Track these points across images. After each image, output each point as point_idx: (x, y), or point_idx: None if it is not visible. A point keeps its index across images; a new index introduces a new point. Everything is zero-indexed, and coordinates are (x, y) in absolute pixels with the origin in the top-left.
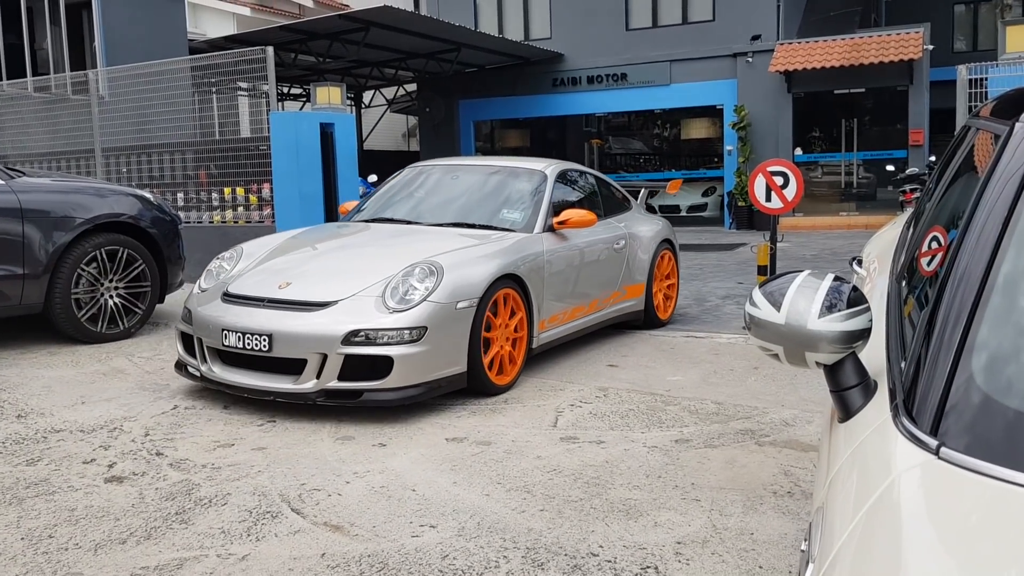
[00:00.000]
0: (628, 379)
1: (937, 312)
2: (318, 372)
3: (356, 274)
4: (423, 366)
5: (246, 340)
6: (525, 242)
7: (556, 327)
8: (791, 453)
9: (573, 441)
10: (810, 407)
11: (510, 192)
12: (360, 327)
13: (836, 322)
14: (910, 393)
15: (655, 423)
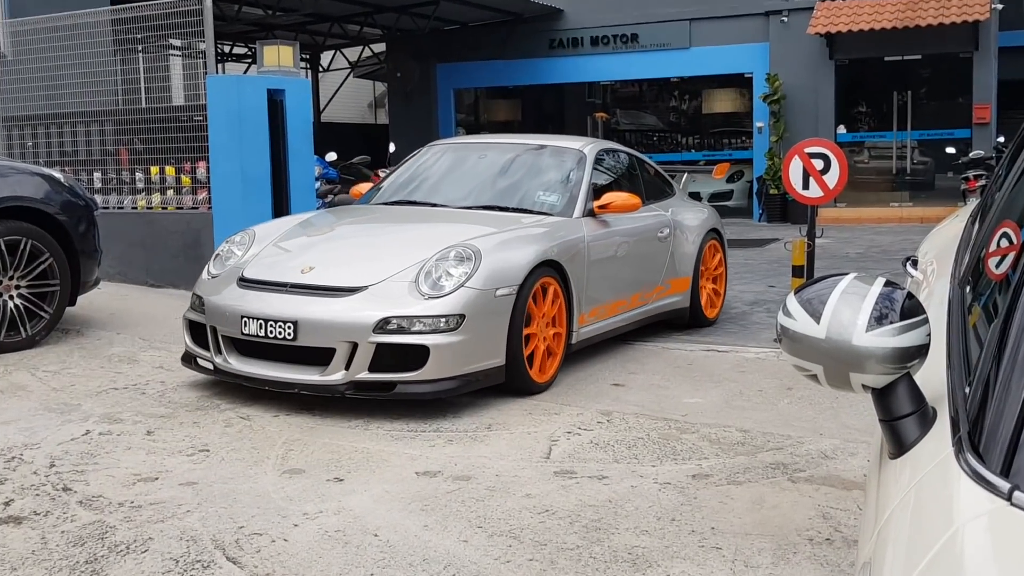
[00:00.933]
0: (636, 401)
1: (1010, 324)
2: (347, 363)
3: (385, 258)
4: (460, 357)
5: (268, 328)
6: (565, 226)
7: (596, 322)
8: (831, 492)
9: (570, 476)
10: (854, 436)
11: (545, 173)
12: (393, 314)
13: (887, 337)
14: (976, 424)
15: (668, 455)
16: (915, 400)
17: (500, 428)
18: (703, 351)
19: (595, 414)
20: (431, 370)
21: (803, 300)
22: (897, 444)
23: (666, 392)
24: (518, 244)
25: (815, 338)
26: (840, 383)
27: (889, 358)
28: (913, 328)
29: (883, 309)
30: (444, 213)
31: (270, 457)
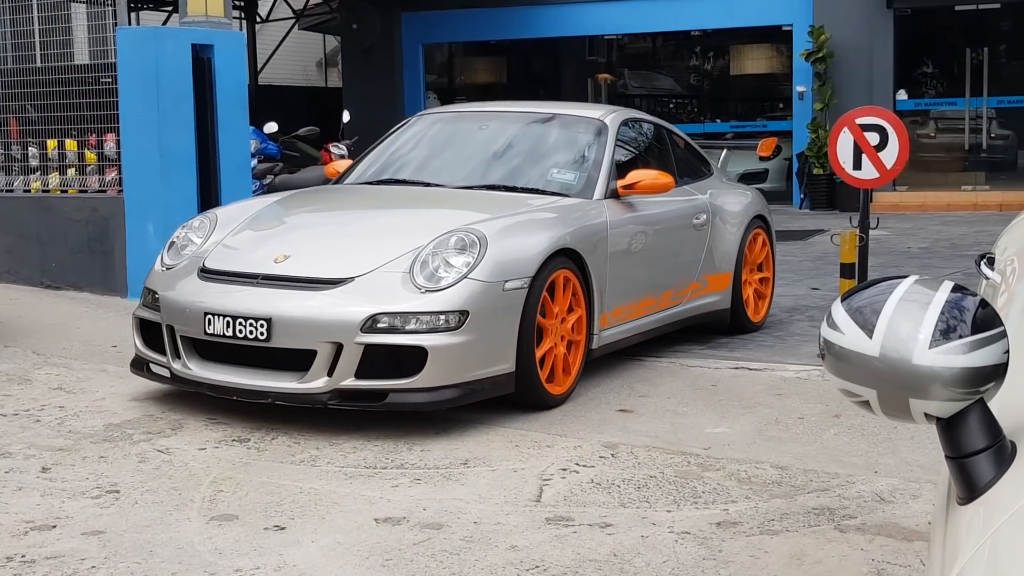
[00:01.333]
0: (648, 431)
1: None
2: (330, 367)
3: (373, 245)
4: (463, 361)
5: (237, 327)
6: (584, 209)
7: (621, 323)
8: (887, 543)
9: (565, 524)
10: (916, 475)
11: (559, 147)
12: (383, 310)
13: (956, 354)
14: None
15: (687, 497)
16: (990, 432)
17: (479, 464)
18: (730, 369)
19: (597, 447)
20: (429, 376)
21: (852, 309)
22: (968, 486)
23: (685, 420)
24: (529, 229)
25: (867, 356)
26: (898, 412)
27: (958, 381)
28: (988, 344)
29: (950, 320)
30: (440, 194)
31: (195, 500)
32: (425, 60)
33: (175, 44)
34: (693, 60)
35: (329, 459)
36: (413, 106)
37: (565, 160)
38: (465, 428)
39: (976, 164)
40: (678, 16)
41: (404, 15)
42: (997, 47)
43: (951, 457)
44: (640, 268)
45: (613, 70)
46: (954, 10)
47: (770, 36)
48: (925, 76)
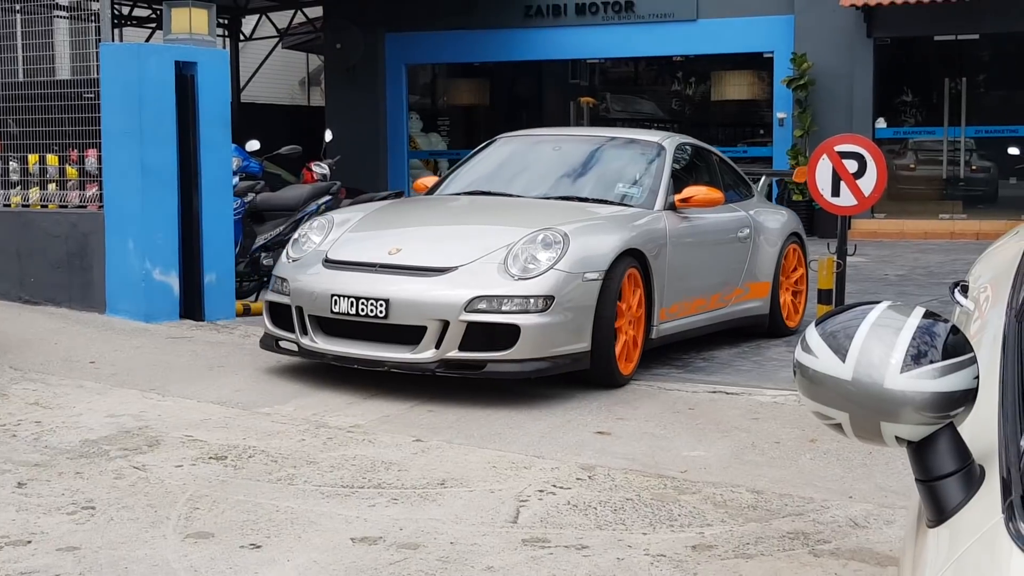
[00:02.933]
0: (626, 453)
1: None
2: (438, 341)
3: (471, 241)
4: (549, 339)
5: (360, 306)
6: (646, 217)
7: (677, 319)
8: (861, 568)
9: (542, 545)
10: (891, 500)
11: (624, 165)
12: (484, 293)
13: (927, 379)
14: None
15: (663, 520)
16: (959, 456)
17: (456, 484)
18: (708, 393)
19: (574, 469)
20: (521, 350)
21: (826, 333)
22: (937, 509)
23: (662, 443)
24: (603, 230)
25: (840, 380)
26: (869, 435)
27: (928, 405)
28: (958, 369)
29: (922, 346)
30: (522, 203)
31: (171, 517)
32: (408, 81)
33: (158, 61)
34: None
35: (306, 478)
36: (396, 126)
37: (629, 176)
38: (443, 449)
39: (954, 193)
40: (660, 41)
41: (388, 35)
42: (976, 77)
43: (921, 480)
44: (692, 271)
45: (595, 94)
46: (933, 40)
47: (752, 63)
48: (904, 105)
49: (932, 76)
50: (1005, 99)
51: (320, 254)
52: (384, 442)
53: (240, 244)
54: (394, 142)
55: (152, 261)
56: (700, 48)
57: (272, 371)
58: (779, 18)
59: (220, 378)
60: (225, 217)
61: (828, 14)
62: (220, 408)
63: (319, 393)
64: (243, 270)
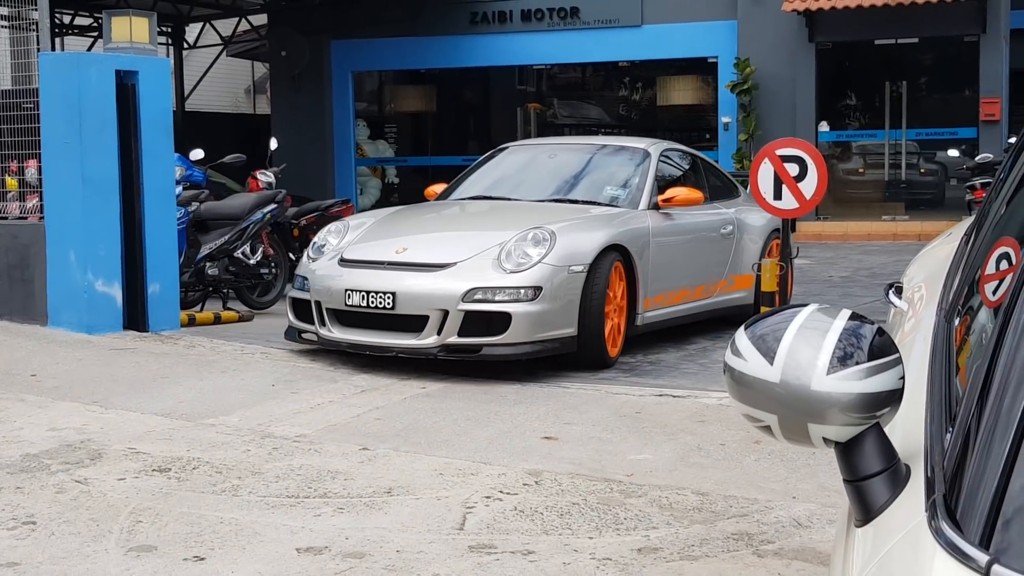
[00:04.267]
0: (572, 458)
1: (994, 369)
2: (439, 328)
3: (469, 240)
4: (538, 324)
5: (370, 299)
6: (631, 216)
7: (661, 308)
8: (804, 568)
9: (488, 551)
10: (833, 500)
11: (612, 169)
12: (479, 285)
13: (852, 380)
14: (954, 486)
15: (609, 524)
16: (885, 456)
17: (403, 492)
18: (655, 396)
19: (521, 474)
20: (513, 334)
21: (755, 337)
22: (863, 508)
23: (609, 447)
24: (588, 228)
25: (768, 382)
26: (797, 436)
27: (854, 406)
28: (883, 370)
29: (848, 347)
30: (519, 205)
31: (113, 531)
32: (354, 88)
33: (99, 70)
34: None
35: (251, 489)
36: (342, 134)
37: (617, 180)
38: (390, 457)
39: (896, 195)
40: (606, 47)
41: (333, 43)
42: (916, 80)
43: (848, 480)
44: (676, 265)
45: (543, 99)
46: (874, 44)
47: (696, 68)
48: (847, 108)
49: (873, 80)
50: (944, 102)
51: (337, 254)
52: (330, 451)
53: (184, 254)
54: (341, 149)
55: (94, 272)
56: (645, 53)
57: (217, 382)
58: (722, 23)
59: (164, 389)
60: (168, 227)
61: (771, 19)
62: (164, 420)
63: (265, 403)
64: (188, 280)
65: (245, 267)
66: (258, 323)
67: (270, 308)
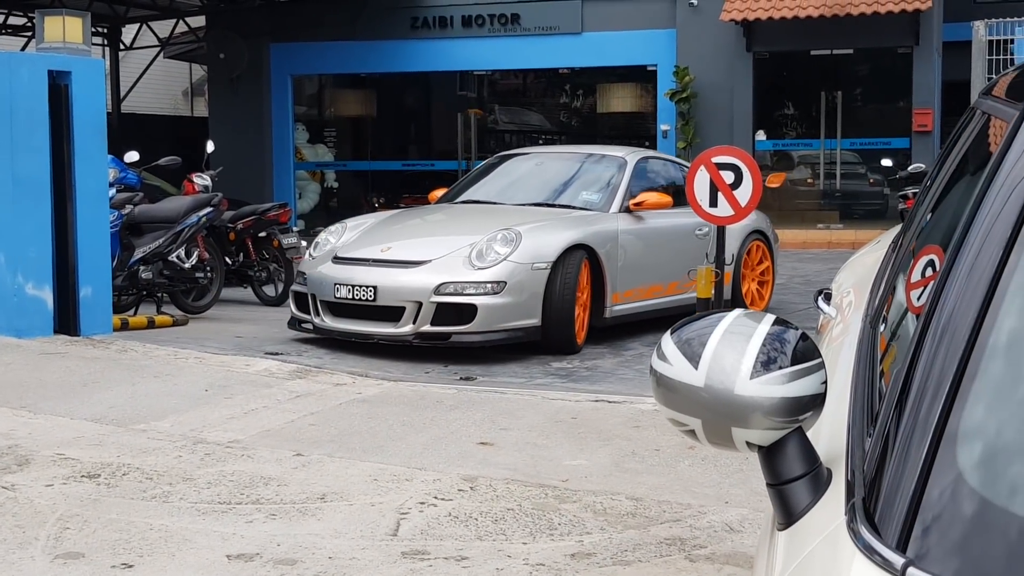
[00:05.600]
0: (507, 463)
1: (913, 374)
2: (414, 318)
3: (447, 240)
4: (502, 315)
5: (355, 292)
6: (600, 219)
7: (631, 302)
8: (736, 572)
9: (421, 557)
10: (765, 504)
11: (590, 176)
12: (449, 280)
13: (775, 385)
14: (873, 489)
15: (543, 529)
16: (807, 460)
17: (336, 499)
18: (591, 402)
19: (456, 480)
20: (479, 324)
21: (680, 341)
22: (785, 512)
23: (544, 452)
24: (555, 230)
25: (693, 386)
26: (721, 440)
27: (777, 410)
28: (806, 375)
29: (771, 352)
30: (500, 209)
31: (39, 538)
32: (294, 91)
33: (30, 70)
34: (562, 97)
35: (182, 495)
36: (281, 137)
37: (594, 185)
38: (324, 463)
39: (831, 203)
40: (547, 54)
41: (273, 46)
42: (851, 91)
43: (770, 484)
44: (646, 263)
45: (484, 105)
46: (810, 54)
47: (636, 75)
48: (783, 118)
49: (809, 90)
50: (878, 112)
51: (332, 252)
52: (264, 457)
53: (117, 257)
54: (279, 153)
55: (24, 275)
56: (585, 61)
57: (149, 387)
58: (662, 32)
59: (94, 394)
60: (101, 230)
61: (709, 29)
62: (94, 425)
63: (198, 409)
64: (121, 284)
65: (180, 271)
66: (193, 327)
67: (205, 312)
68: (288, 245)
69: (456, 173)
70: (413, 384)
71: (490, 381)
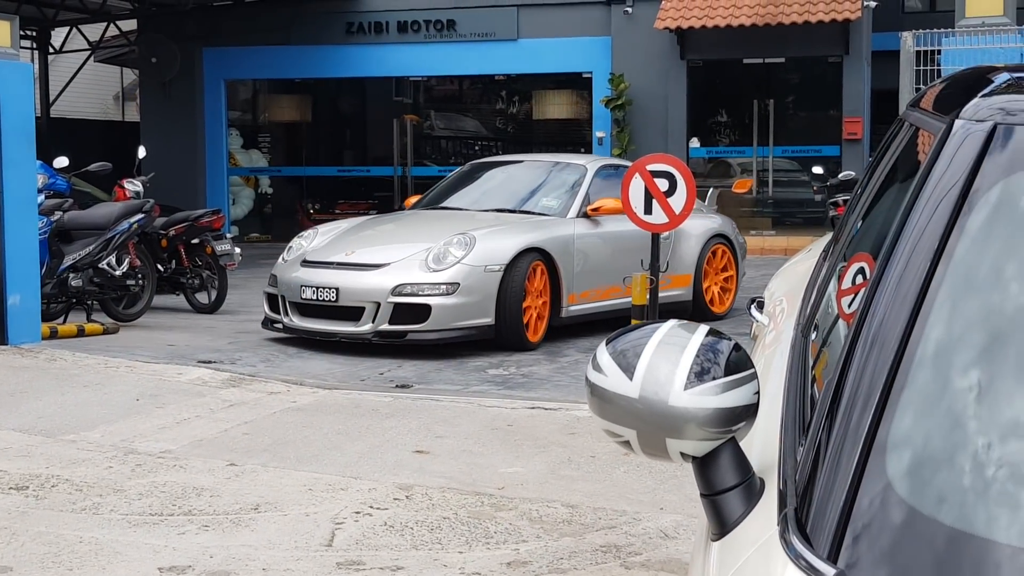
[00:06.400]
0: (443, 472)
1: (843, 384)
2: (373, 317)
3: (406, 245)
4: (456, 314)
5: (319, 293)
6: (557, 224)
7: (588, 303)
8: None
9: (356, 568)
10: (699, 510)
11: (554, 184)
12: (405, 281)
13: (708, 396)
14: (805, 499)
15: (479, 538)
16: (740, 470)
17: (270, 509)
18: (527, 409)
19: (391, 488)
20: (433, 322)
21: (615, 352)
22: (719, 522)
23: (480, 460)
24: (509, 234)
25: (627, 397)
26: (656, 451)
27: (710, 421)
28: (739, 385)
29: (705, 363)
30: (463, 214)
31: None
32: (227, 96)
33: None
34: (498, 103)
35: (113, 506)
36: (214, 143)
37: (554, 192)
38: (258, 472)
39: (763, 211)
40: (482, 60)
41: (205, 50)
42: (783, 99)
43: (704, 494)
44: (602, 265)
45: (419, 111)
46: (743, 63)
47: (572, 82)
48: (717, 125)
49: (742, 98)
50: (810, 120)
51: (302, 256)
52: (196, 467)
53: (47, 265)
54: (213, 159)
55: None
56: (521, 67)
57: (79, 396)
58: (597, 39)
59: (22, 404)
60: (29, 237)
61: (644, 36)
62: (22, 436)
63: (129, 418)
64: (50, 291)
65: (110, 278)
66: (124, 336)
67: (137, 320)
68: (222, 252)
69: (392, 180)
70: (348, 392)
71: (426, 389)
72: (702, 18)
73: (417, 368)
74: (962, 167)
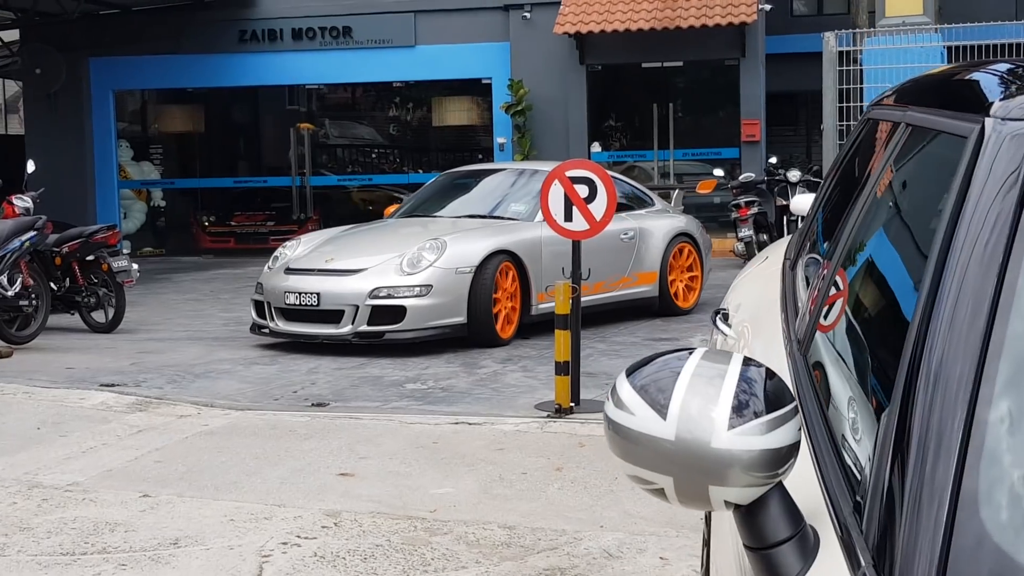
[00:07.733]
0: (372, 495)
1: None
2: (352, 319)
3: (382, 251)
4: (430, 314)
5: (301, 298)
6: (524, 227)
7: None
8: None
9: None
10: (640, 527)
11: (521, 190)
12: (381, 285)
13: (754, 435)
14: (882, 554)
15: (416, 566)
16: (792, 520)
17: (191, 543)
18: (451, 424)
19: (318, 516)
20: (409, 323)
21: (640, 387)
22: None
23: (409, 481)
24: (478, 238)
25: (661, 440)
26: (696, 500)
27: (758, 464)
28: (784, 422)
29: (744, 396)
30: (436, 221)
31: None
32: (116, 107)
33: None
34: (394, 111)
35: (20, 546)
36: (104, 155)
37: (524, 197)
38: (174, 503)
39: None
40: (379, 67)
41: (92, 60)
42: (682, 102)
43: (754, 548)
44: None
45: (314, 119)
46: (642, 67)
47: (471, 89)
48: (617, 129)
49: (642, 101)
50: (709, 122)
51: (286, 264)
52: (107, 500)
53: None
54: (102, 172)
55: None
56: (419, 74)
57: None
58: (495, 45)
59: None
60: None
61: (542, 42)
62: None
63: (30, 449)
64: None
65: (2, 299)
66: (18, 359)
67: (31, 343)
68: (118, 268)
69: (291, 190)
70: (262, 413)
71: (344, 407)
72: (600, 23)
73: (332, 385)
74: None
